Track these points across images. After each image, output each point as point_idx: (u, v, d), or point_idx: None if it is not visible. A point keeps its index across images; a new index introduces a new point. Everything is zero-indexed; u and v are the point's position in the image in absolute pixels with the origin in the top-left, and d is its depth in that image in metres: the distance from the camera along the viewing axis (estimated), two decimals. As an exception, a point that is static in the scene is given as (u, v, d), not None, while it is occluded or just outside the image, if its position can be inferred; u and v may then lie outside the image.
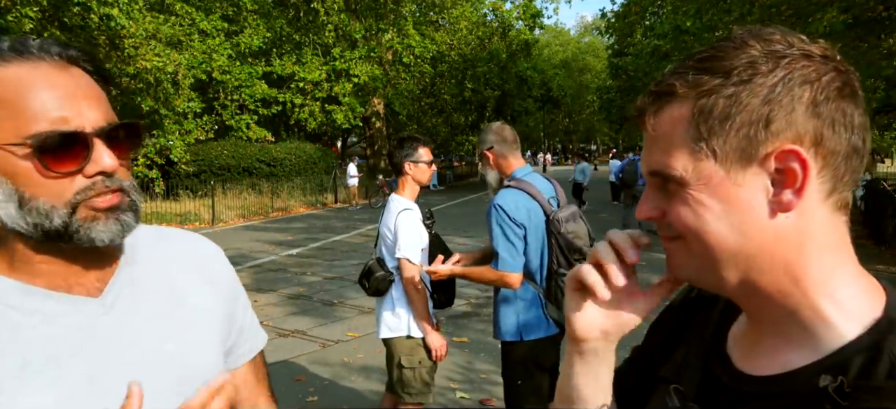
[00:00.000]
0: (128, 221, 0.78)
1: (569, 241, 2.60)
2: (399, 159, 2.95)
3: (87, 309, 0.79)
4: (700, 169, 0.60)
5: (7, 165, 0.72)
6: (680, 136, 0.61)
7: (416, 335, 2.90)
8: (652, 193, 0.67)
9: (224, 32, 19.52)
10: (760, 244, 0.59)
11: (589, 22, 66.26)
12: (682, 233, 0.63)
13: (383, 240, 2.96)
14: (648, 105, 0.64)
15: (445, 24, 27.30)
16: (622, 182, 12.57)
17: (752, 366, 0.65)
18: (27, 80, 0.72)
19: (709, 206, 0.60)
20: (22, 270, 0.77)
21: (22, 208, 0.73)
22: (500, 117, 30.57)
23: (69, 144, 0.73)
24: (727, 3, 12.77)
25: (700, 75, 0.59)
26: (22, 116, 0.71)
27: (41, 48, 0.75)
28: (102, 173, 0.75)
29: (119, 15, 12.71)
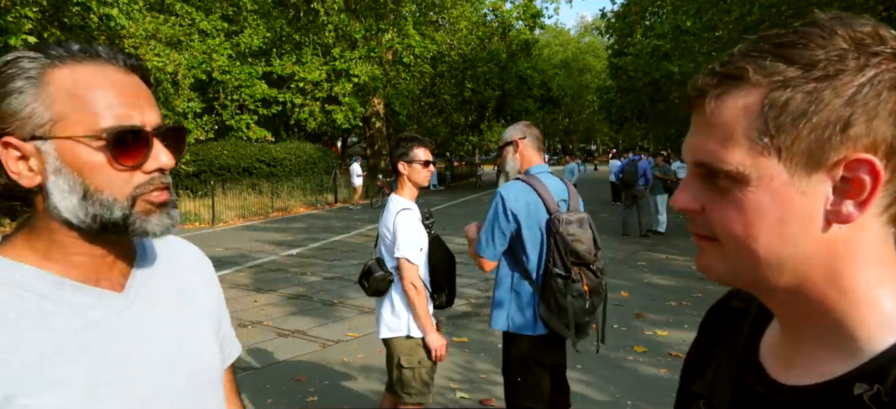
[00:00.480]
0: (175, 215, 0.84)
1: (567, 242, 2.60)
2: (394, 160, 2.96)
3: (112, 303, 0.83)
4: (760, 167, 0.54)
5: (77, 157, 0.76)
6: (743, 127, 0.55)
7: (415, 335, 2.90)
8: (693, 184, 0.60)
9: (224, 32, 19.52)
10: (809, 255, 0.55)
11: (589, 22, 66.27)
12: (721, 237, 0.58)
13: (382, 240, 2.96)
14: (711, 86, 0.57)
15: (445, 24, 27.29)
16: (622, 182, 12.56)
17: (787, 376, 0.62)
18: (96, 79, 0.77)
19: (764, 212, 0.55)
20: (57, 260, 0.80)
21: (86, 200, 0.77)
22: (501, 117, 30.60)
23: (134, 140, 0.78)
24: (727, 3, 12.77)
25: (777, 62, 0.53)
26: (92, 111, 0.76)
27: (109, 55, 0.79)
28: (159, 170, 0.81)
29: (119, 15, 12.70)
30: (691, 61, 16.88)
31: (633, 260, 9.53)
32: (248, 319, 6.21)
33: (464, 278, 7.92)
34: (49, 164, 0.76)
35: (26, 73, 0.75)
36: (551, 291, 2.62)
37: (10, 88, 0.75)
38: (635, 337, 5.49)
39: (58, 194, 0.77)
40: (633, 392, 4.22)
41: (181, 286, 0.95)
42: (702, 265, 0.63)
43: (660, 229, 12.50)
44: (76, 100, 0.76)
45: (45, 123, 0.75)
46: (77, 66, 0.77)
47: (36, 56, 0.76)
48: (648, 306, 6.62)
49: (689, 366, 0.81)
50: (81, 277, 0.82)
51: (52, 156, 0.76)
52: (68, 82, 0.76)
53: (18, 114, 0.75)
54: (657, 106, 24.95)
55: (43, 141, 0.76)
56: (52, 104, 0.75)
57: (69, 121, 0.76)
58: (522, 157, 2.84)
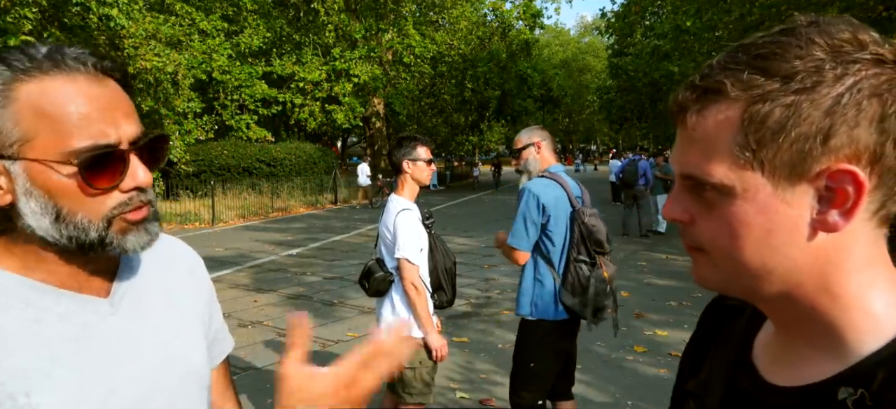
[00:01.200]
0: (154, 230, 0.81)
1: (591, 232, 2.91)
2: (398, 158, 2.95)
3: (97, 309, 0.81)
4: (744, 180, 0.54)
5: (47, 180, 0.72)
6: (725, 141, 0.55)
7: (416, 336, 2.90)
8: (683, 195, 0.61)
9: (224, 32, 19.51)
10: (798, 263, 0.55)
11: (589, 22, 66.26)
12: (709, 249, 0.59)
13: (383, 240, 2.95)
14: (691, 101, 0.57)
15: (445, 24, 27.29)
16: (622, 182, 12.56)
17: (778, 376, 0.62)
18: (65, 93, 0.71)
19: (749, 223, 0.55)
20: (36, 268, 0.78)
21: (58, 222, 0.73)
22: (501, 117, 30.61)
23: (108, 160, 0.73)
24: (727, 3, 12.76)
25: (755, 75, 0.53)
26: (63, 130, 0.71)
27: (77, 59, 0.73)
28: (137, 188, 0.77)
29: (119, 15, 12.71)
30: (691, 61, 16.88)
31: (633, 260, 9.53)
32: (248, 319, 6.21)
33: (464, 278, 7.92)
34: (18, 185, 0.72)
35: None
36: (575, 276, 2.88)
37: None
38: (635, 337, 5.48)
39: (30, 215, 0.73)
40: (633, 392, 4.22)
41: (168, 287, 0.93)
42: (697, 276, 0.63)
43: (660, 229, 12.51)
44: (44, 119, 0.70)
45: (13, 143, 0.71)
46: (45, 79, 0.71)
47: (3, 70, 0.71)
48: (648, 306, 6.62)
49: (686, 362, 0.81)
50: (63, 283, 0.79)
51: (21, 177, 0.72)
52: (35, 98, 0.70)
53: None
54: (657, 106, 24.95)
55: (12, 161, 0.71)
56: (18, 123, 0.70)
57: (37, 142, 0.71)
58: (543, 157, 3.08)
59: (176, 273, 0.97)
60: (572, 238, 2.92)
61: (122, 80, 0.79)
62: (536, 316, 2.93)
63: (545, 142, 3.09)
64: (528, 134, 3.13)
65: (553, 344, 2.96)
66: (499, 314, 6.40)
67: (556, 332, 2.95)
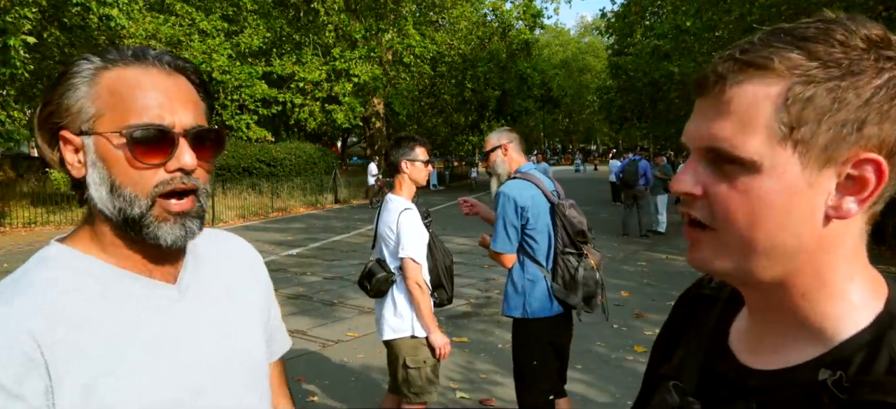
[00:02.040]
0: (192, 228, 0.85)
1: (573, 224, 2.93)
2: (396, 158, 2.96)
3: (166, 294, 0.87)
4: (775, 157, 0.55)
5: (105, 151, 0.80)
6: (763, 116, 0.55)
7: (419, 335, 2.90)
8: (697, 168, 0.60)
9: (224, 32, 19.53)
10: (803, 246, 0.57)
11: (589, 22, 66.29)
12: (721, 224, 0.59)
13: (384, 241, 2.95)
14: (732, 71, 0.57)
15: (445, 24, 27.28)
16: (622, 182, 12.56)
17: (755, 360, 0.64)
18: (137, 79, 0.81)
19: (772, 202, 0.56)
20: (112, 252, 0.85)
21: (112, 194, 0.81)
22: (501, 117, 30.57)
23: (157, 138, 0.80)
24: (727, 3, 12.77)
25: (800, 55, 0.54)
26: (125, 109, 0.80)
27: (156, 56, 0.84)
28: (181, 170, 0.82)
29: (119, 15, 12.71)
30: (691, 61, 16.89)
31: (633, 260, 9.53)
32: (248, 319, 6.21)
33: (464, 278, 7.92)
34: (88, 157, 0.81)
35: (82, 73, 0.81)
36: (564, 268, 2.92)
37: (68, 85, 0.81)
38: (635, 337, 5.48)
39: (93, 187, 0.81)
40: (633, 392, 4.19)
41: (229, 282, 0.99)
42: (695, 259, 0.63)
43: (660, 229, 12.50)
44: (114, 98, 0.80)
45: (89, 119, 0.80)
46: (125, 68, 0.81)
47: (94, 59, 0.82)
48: (648, 306, 6.62)
49: (658, 350, 0.83)
50: (136, 268, 0.86)
51: (91, 150, 0.81)
52: (112, 82, 0.81)
53: (71, 109, 0.81)
54: (657, 106, 24.95)
55: (87, 136, 0.81)
56: (95, 101, 0.80)
57: (105, 118, 0.80)
58: (510, 159, 3.10)
59: (237, 268, 1.02)
60: (556, 233, 2.95)
61: (195, 78, 0.88)
62: (532, 316, 2.94)
63: (512, 144, 3.11)
64: (496, 137, 3.16)
65: (552, 339, 2.99)
66: (499, 314, 6.39)
67: (553, 327, 2.98)
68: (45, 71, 16.24)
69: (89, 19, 13.43)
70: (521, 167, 3.08)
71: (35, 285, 0.80)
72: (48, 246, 0.86)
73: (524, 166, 3.09)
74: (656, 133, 28.99)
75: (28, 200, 17.21)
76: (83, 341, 0.78)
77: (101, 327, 0.80)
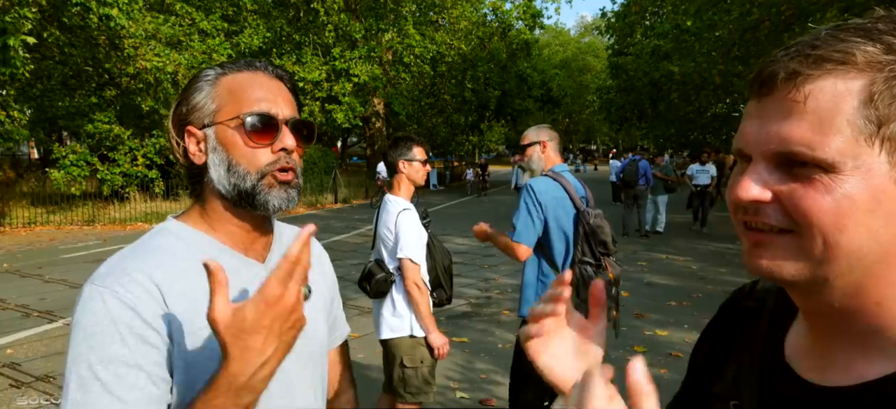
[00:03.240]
0: (293, 196, 1.01)
1: (597, 234, 2.89)
2: (393, 159, 2.95)
3: (257, 271, 1.02)
4: (861, 156, 0.51)
5: (225, 136, 0.98)
6: (845, 113, 0.51)
7: (418, 334, 2.90)
8: (763, 171, 0.56)
9: (224, 32, 19.49)
10: (884, 251, 0.53)
11: (589, 22, 66.25)
12: (804, 227, 0.54)
13: (383, 241, 2.95)
14: (806, 67, 0.53)
15: (445, 24, 27.26)
16: (623, 182, 12.56)
17: (822, 377, 0.60)
18: (248, 81, 1.00)
19: (856, 201, 0.51)
20: (218, 230, 1.02)
21: (229, 172, 0.97)
22: (501, 117, 30.57)
23: (266, 124, 0.97)
24: (727, 3, 12.77)
25: (880, 49, 0.51)
26: (239, 102, 0.98)
27: (262, 65, 1.03)
28: (284, 150, 0.99)
29: (119, 15, 12.70)
30: (691, 61, 16.88)
31: (633, 260, 9.52)
32: (248, 319, 6.20)
33: (464, 278, 7.92)
34: (210, 145, 0.99)
35: (207, 78, 1.01)
36: (580, 277, 2.85)
37: (195, 87, 1.01)
38: (635, 337, 5.49)
39: (213, 169, 0.98)
40: (634, 392, 4.22)
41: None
42: (760, 264, 0.58)
43: (660, 229, 12.50)
44: (231, 94, 0.99)
45: (211, 113, 0.99)
46: (239, 73, 1.01)
47: (216, 69, 1.02)
48: (648, 306, 6.61)
49: (701, 366, 0.78)
50: (235, 245, 1.02)
51: (212, 138, 0.98)
52: (229, 83, 1.00)
53: (197, 106, 0.99)
54: (657, 106, 24.94)
55: (209, 128, 0.99)
56: (216, 98, 0.99)
57: (224, 110, 0.98)
58: (548, 157, 3.08)
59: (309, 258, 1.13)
60: (577, 239, 2.90)
61: (290, 85, 1.06)
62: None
63: (552, 142, 3.09)
64: (535, 132, 3.14)
65: None
66: (499, 314, 6.40)
67: None
68: (45, 71, 16.25)
69: (89, 19, 13.42)
70: (556, 167, 3.05)
71: (157, 249, 0.96)
72: (167, 222, 1.03)
73: (558, 167, 3.06)
74: (656, 133, 28.97)
75: (28, 201, 17.21)
76: (193, 294, 0.92)
77: (203, 288, 0.90)
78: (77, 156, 15.21)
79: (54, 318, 6.47)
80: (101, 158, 15.71)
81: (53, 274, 9.00)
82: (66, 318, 6.45)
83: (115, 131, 15.68)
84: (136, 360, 0.85)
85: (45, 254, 11.23)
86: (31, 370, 4.87)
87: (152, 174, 16.07)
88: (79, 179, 15.08)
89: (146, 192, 17.09)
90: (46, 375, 4.76)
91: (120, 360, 0.84)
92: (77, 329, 0.86)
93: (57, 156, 15.47)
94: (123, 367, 0.84)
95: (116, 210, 16.54)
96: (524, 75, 29.28)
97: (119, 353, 0.84)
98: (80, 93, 17.00)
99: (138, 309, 0.86)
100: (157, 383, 0.86)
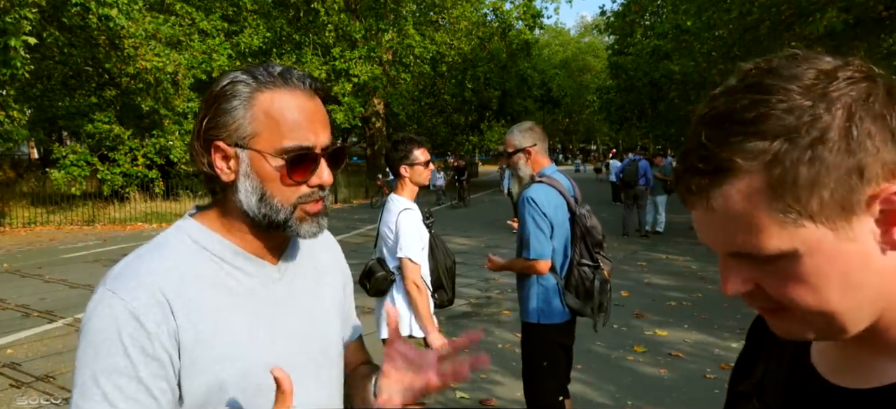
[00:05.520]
0: (323, 224, 1.02)
1: (593, 236, 2.88)
2: (394, 162, 2.94)
3: (270, 274, 1.03)
4: (803, 238, 0.53)
5: (262, 168, 0.95)
6: (763, 211, 0.53)
7: (417, 335, 2.90)
8: (739, 268, 0.58)
9: (224, 32, 19.50)
10: (880, 289, 0.56)
11: (589, 22, 66.21)
12: (792, 307, 0.57)
13: (384, 240, 2.95)
14: (707, 186, 0.55)
15: (445, 24, 27.25)
16: (622, 182, 12.56)
17: (843, 380, 0.63)
18: (287, 103, 0.95)
19: (826, 274, 0.54)
20: (235, 235, 1.01)
21: (261, 201, 0.96)
22: (501, 117, 30.55)
23: (306, 160, 0.95)
24: (727, 3, 12.77)
25: (755, 142, 0.52)
26: (278, 131, 0.94)
27: (299, 78, 0.97)
28: (320, 186, 0.98)
29: (118, 15, 12.70)
30: (691, 61, 16.88)
31: (633, 260, 9.52)
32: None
33: (464, 278, 7.92)
34: (242, 168, 0.95)
35: (240, 95, 0.94)
36: (580, 279, 2.86)
37: (227, 106, 0.95)
38: (635, 337, 5.48)
39: (243, 193, 0.96)
40: (633, 392, 4.22)
41: (317, 267, 1.14)
42: (784, 331, 0.61)
43: (660, 229, 12.50)
44: (270, 120, 0.94)
45: (246, 136, 0.94)
46: (276, 91, 0.95)
47: (249, 81, 0.95)
48: (648, 306, 6.61)
49: (737, 369, 0.81)
50: (251, 250, 1.01)
51: (245, 162, 0.95)
52: (267, 105, 0.94)
53: (229, 125, 0.94)
54: (657, 106, 24.93)
55: (242, 149, 0.95)
56: (252, 121, 0.94)
57: (262, 137, 0.94)
58: (535, 163, 2.99)
59: (321, 256, 1.18)
60: (574, 241, 2.88)
61: (326, 98, 1.02)
62: (543, 321, 2.89)
63: (537, 145, 2.96)
64: (519, 137, 2.98)
65: (561, 344, 2.96)
66: (499, 314, 6.40)
67: (563, 331, 2.94)
68: (45, 71, 16.25)
69: (89, 19, 13.42)
70: (545, 170, 2.96)
71: (171, 250, 0.96)
72: (184, 220, 1.02)
73: (548, 169, 2.97)
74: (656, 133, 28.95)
75: (28, 201, 17.21)
76: (202, 300, 0.93)
77: (217, 292, 0.96)
78: (77, 156, 15.21)
79: (54, 318, 6.47)
80: (101, 158, 15.72)
81: (53, 274, 9.00)
82: (67, 318, 6.45)
83: (115, 131, 15.68)
84: (137, 372, 0.86)
85: (45, 254, 11.23)
86: (31, 370, 4.87)
87: (152, 174, 16.08)
88: (79, 179, 15.08)
89: (146, 192, 17.09)
90: (46, 375, 4.76)
91: (122, 371, 0.86)
92: (85, 333, 0.88)
93: (57, 156, 15.48)
94: (124, 378, 0.86)
95: (116, 210, 16.54)
96: (524, 75, 29.26)
97: (121, 365, 0.86)
98: (80, 93, 17.00)
99: (144, 320, 0.87)
100: (156, 396, 0.88)
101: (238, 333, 0.95)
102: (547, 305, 2.89)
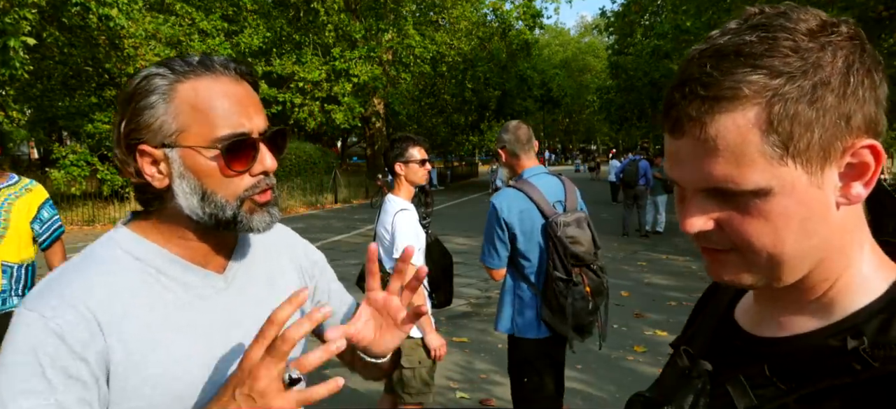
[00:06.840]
0: (275, 213, 0.95)
1: (565, 245, 2.62)
2: (390, 160, 2.94)
3: (214, 283, 0.95)
4: (781, 177, 0.55)
5: (196, 163, 0.87)
6: (754, 144, 0.55)
7: (415, 335, 2.90)
8: (702, 204, 0.60)
9: (224, 32, 19.52)
10: (827, 239, 0.59)
11: (589, 22, 66.25)
12: (744, 248, 0.59)
13: (380, 241, 2.95)
14: (703, 111, 0.56)
15: (445, 24, 27.27)
16: (623, 182, 12.55)
17: (763, 331, 0.67)
18: (213, 91, 0.87)
19: (790, 216, 0.56)
20: (175, 243, 0.93)
21: (203, 201, 0.88)
22: (501, 117, 30.55)
23: (244, 147, 0.88)
24: (727, 3, 12.78)
25: (763, 76, 0.54)
26: (208, 122, 0.86)
27: (222, 64, 0.89)
28: (264, 173, 0.91)
29: (118, 15, 12.70)
30: (691, 61, 16.87)
31: (633, 260, 9.52)
32: (247, 319, 6.20)
33: (463, 278, 7.92)
34: (174, 169, 0.87)
35: (158, 89, 0.86)
36: (553, 294, 2.65)
37: (145, 103, 0.86)
38: (635, 337, 5.48)
39: (182, 195, 0.88)
40: (633, 392, 4.21)
41: (271, 272, 1.06)
42: (721, 277, 0.63)
43: (660, 229, 12.50)
44: (197, 112, 0.86)
45: (172, 134, 0.86)
46: (198, 80, 0.87)
47: (166, 74, 0.86)
48: (648, 306, 6.61)
49: (680, 335, 0.87)
50: (193, 258, 0.94)
51: (177, 162, 0.87)
52: (191, 96, 0.86)
53: (151, 125, 0.86)
54: (657, 106, 24.94)
55: (170, 149, 0.87)
56: (177, 116, 0.86)
57: (191, 132, 0.86)
58: (510, 164, 2.86)
59: (277, 255, 1.10)
60: (548, 253, 2.65)
61: (253, 83, 0.94)
62: (519, 334, 2.76)
63: (510, 145, 2.80)
64: (498, 139, 2.88)
65: (541, 361, 2.77)
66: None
67: (541, 350, 2.75)
68: (45, 71, 16.26)
69: (89, 19, 13.43)
70: (525, 172, 2.79)
71: (101, 264, 0.88)
72: (116, 229, 0.94)
73: (527, 172, 2.79)
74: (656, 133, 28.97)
75: (28, 201, 17.19)
76: (134, 317, 0.85)
77: (151, 307, 0.88)
78: (77, 156, 15.21)
79: (54, 318, 6.46)
80: (101, 158, 15.72)
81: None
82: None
83: (115, 131, 15.68)
84: (55, 396, 0.78)
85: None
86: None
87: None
88: (79, 179, 15.09)
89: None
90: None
91: (37, 394, 0.78)
92: (1, 354, 0.80)
93: (57, 156, 15.48)
94: (41, 401, 0.78)
95: (116, 210, 16.54)
96: (524, 75, 29.25)
97: (37, 387, 0.78)
98: (80, 93, 17.01)
99: (66, 338, 0.79)
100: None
101: (173, 352, 0.87)
102: (521, 317, 2.74)
